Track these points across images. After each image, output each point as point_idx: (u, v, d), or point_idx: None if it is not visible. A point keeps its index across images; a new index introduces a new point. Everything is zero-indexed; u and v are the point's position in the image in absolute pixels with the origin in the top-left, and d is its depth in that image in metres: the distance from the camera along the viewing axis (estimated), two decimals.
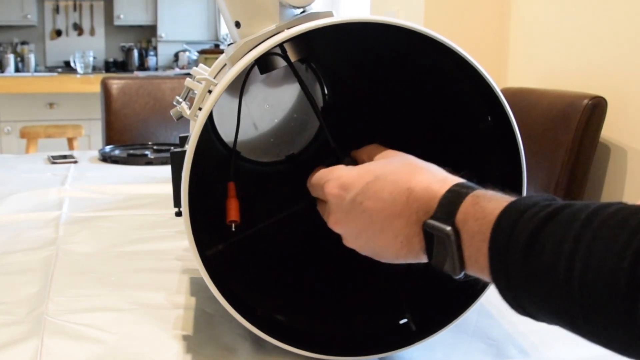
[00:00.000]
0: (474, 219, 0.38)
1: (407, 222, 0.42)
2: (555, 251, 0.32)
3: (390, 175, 0.44)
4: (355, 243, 0.47)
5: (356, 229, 0.45)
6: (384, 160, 0.48)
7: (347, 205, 0.45)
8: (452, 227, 0.39)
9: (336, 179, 0.47)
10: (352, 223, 0.45)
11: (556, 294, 0.33)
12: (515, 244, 0.35)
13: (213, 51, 4.10)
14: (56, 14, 4.20)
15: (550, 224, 0.34)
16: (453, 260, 0.39)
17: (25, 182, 1.21)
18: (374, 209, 0.44)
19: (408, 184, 0.43)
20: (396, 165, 0.45)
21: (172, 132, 1.92)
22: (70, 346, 0.56)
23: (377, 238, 0.44)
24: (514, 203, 0.37)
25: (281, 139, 0.74)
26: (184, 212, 0.51)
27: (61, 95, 3.69)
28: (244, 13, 0.58)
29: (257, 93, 0.71)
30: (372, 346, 0.56)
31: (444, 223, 0.39)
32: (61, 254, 0.81)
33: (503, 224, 0.36)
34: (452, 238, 0.39)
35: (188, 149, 0.51)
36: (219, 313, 0.62)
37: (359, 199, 0.45)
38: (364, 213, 0.44)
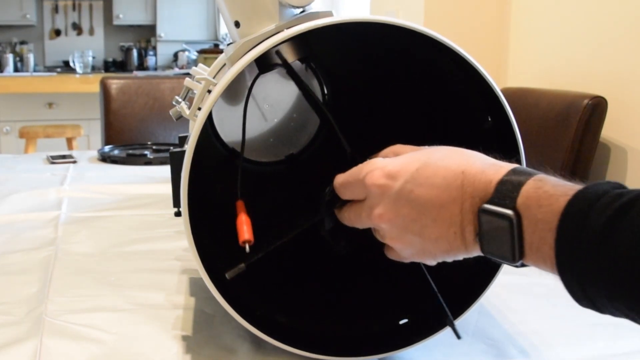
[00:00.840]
0: (537, 205, 0.36)
1: (462, 209, 0.39)
2: (638, 241, 0.31)
3: (440, 160, 0.41)
4: (402, 240, 0.43)
5: (405, 220, 0.42)
6: (428, 148, 0.45)
7: (395, 195, 0.42)
8: (513, 212, 0.37)
9: (380, 169, 0.43)
10: (400, 214, 0.42)
11: (637, 286, 0.31)
12: (589, 234, 0.33)
13: (212, 51, 4.10)
14: (55, 14, 4.20)
15: (630, 213, 0.32)
16: (512, 248, 0.37)
17: (24, 182, 1.21)
18: (426, 196, 0.40)
19: (461, 167, 0.40)
20: (444, 152, 0.43)
21: (172, 132, 1.92)
22: (69, 346, 0.56)
23: (429, 229, 0.41)
24: (583, 191, 0.35)
25: (281, 139, 0.74)
26: (184, 212, 0.51)
27: (60, 95, 3.69)
28: (244, 13, 0.57)
29: (256, 93, 0.71)
30: (371, 346, 0.56)
31: (504, 207, 0.37)
32: (60, 254, 0.81)
33: (572, 213, 0.34)
34: (515, 223, 0.36)
35: (187, 149, 0.50)
36: (219, 313, 0.62)
37: (409, 187, 0.41)
38: (414, 202, 0.41)
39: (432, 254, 0.42)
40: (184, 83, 0.70)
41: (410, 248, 0.43)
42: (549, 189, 0.36)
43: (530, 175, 0.38)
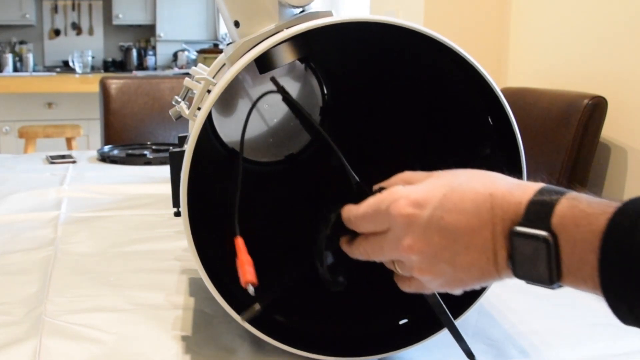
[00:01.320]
0: (574, 225, 0.35)
1: (493, 233, 0.38)
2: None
3: (466, 184, 0.40)
4: (432, 270, 0.40)
5: (436, 249, 0.39)
6: (447, 173, 0.43)
7: (424, 223, 0.39)
8: (549, 233, 0.35)
9: (405, 198, 0.41)
10: (432, 243, 0.40)
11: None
12: (636, 253, 0.32)
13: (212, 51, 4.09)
14: (55, 14, 4.19)
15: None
16: (549, 270, 0.36)
17: (23, 182, 1.21)
18: (456, 222, 0.38)
19: (488, 189, 0.38)
20: (466, 175, 0.41)
21: (171, 132, 1.92)
22: (69, 346, 0.56)
23: (461, 257, 0.39)
24: (623, 208, 0.34)
25: (280, 139, 0.74)
26: (183, 212, 0.51)
27: (60, 95, 3.69)
28: (243, 12, 0.57)
29: (256, 93, 0.70)
30: (371, 347, 0.56)
31: (538, 228, 0.36)
32: (60, 254, 0.81)
33: (615, 231, 0.33)
34: (551, 244, 0.35)
35: (187, 148, 0.50)
36: (218, 313, 0.62)
37: (438, 214, 0.39)
38: (445, 229, 0.39)
39: (463, 282, 0.40)
40: (184, 83, 0.70)
41: (440, 278, 0.41)
42: (585, 208, 0.35)
43: (562, 194, 0.36)
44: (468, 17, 1.80)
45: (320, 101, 0.73)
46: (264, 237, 0.70)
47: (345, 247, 0.47)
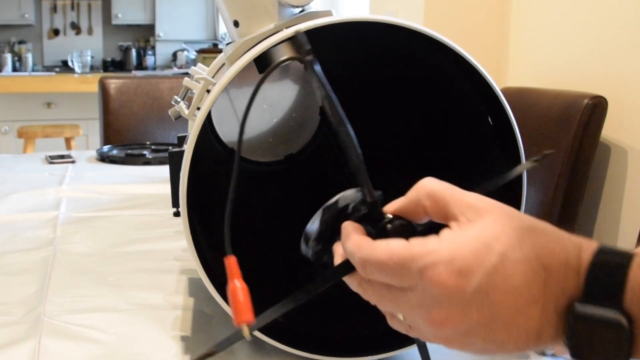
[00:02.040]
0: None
1: (543, 311, 0.33)
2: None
3: (515, 251, 0.33)
4: (461, 342, 0.35)
5: (470, 325, 0.33)
6: (491, 227, 0.34)
7: (465, 299, 0.33)
8: (621, 314, 0.30)
9: (447, 264, 0.32)
10: (467, 320, 0.33)
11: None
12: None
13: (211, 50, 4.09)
14: (54, 13, 4.19)
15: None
16: (618, 355, 0.31)
17: (22, 182, 1.21)
18: (503, 301, 0.33)
19: (541, 259, 0.33)
20: (513, 234, 0.33)
21: (171, 132, 1.91)
22: (68, 347, 0.56)
23: (498, 334, 0.34)
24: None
25: (280, 139, 0.74)
26: (183, 213, 0.51)
27: (59, 95, 3.68)
28: (243, 12, 0.57)
29: None
30: (370, 347, 0.55)
31: (606, 307, 0.31)
32: (59, 254, 0.81)
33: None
34: (626, 329, 0.30)
35: (186, 148, 0.50)
36: (218, 314, 0.62)
37: (484, 289, 0.32)
38: (489, 308, 0.33)
39: (489, 352, 0.35)
40: (183, 83, 0.70)
41: (466, 348, 0.35)
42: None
43: (628, 258, 0.31)
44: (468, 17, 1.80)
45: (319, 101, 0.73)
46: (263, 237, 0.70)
47: (351, 284, 0.39)
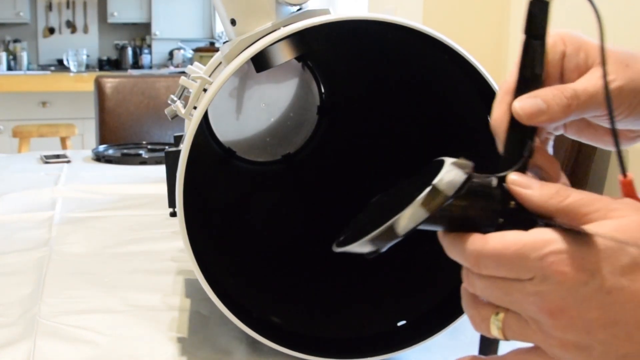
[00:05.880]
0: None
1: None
2: None
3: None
4: (577, 342, 0.32)
5: (590, 322, 0.31)
6: (632, 224, 0.32)
7: (588, 293, 0.31)
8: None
9: (572, 256, 0.31)
10: (586, 314, 0.31)
11: None
12: None
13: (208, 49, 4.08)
14: (49, 12, 4.17)
15: None
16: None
17: (17, 182, 1.20)
18: (628, 306, 0.31)
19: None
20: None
21: (167, 132, 1.91)
22: (63, 348, 0.56)
23: (620, 342, 0.31)
24: None
25: (277, 138, 0.73)
26: (179, 213, 0.50)
27: (54, 94, 3.67)
28: (240, 10, 0.57)
29: (253, 92, 0.70)
30: (370, 348, 0.55)
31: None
32: (54, 255, 0.80)
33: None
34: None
35: (183, 148, 0.50)
36: (215, 315, 0.61)
37: (607, 287, 0.31)
38: (611, 308, 0.31)
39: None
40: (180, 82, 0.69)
41: (583, 354, 0.32)
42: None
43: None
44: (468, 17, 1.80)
45: (317, 100, 0.72)
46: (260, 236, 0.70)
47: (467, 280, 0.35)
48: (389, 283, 0.60)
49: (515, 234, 0.32)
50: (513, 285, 0.32)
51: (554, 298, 0.31)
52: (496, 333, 0.34)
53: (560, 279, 0.31)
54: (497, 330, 0.34)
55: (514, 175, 0.34)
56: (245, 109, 0.71)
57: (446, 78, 0.58)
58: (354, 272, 0.63)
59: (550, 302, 0.31)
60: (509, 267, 0.32)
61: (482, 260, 0.32)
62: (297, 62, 0.70)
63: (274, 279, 0.65)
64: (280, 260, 0.68)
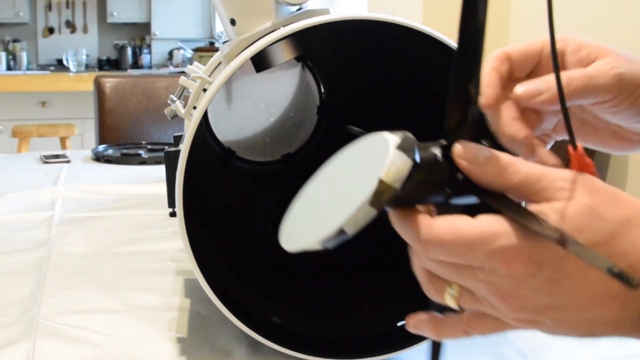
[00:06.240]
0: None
1: (624, 306, 0.31)
2: None
3: (599, 248, 0.31)
4: (529, 318, 0.33)
5: (541, 305, 0.32)
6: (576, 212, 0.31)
7: (537, 284, 0.31)
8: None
9: (518, 250, 0.31)
10: (537, 299, 0.32)
11: None
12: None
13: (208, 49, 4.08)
14: (48, 11, 4.17)
15: None
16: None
17: (17, 182, 1.20)
18: (577, 293, 0.31)
19: (628, 258, 0.30)
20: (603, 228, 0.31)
21: (167, 131, 1.91)
22: (62, 348, 0.56)
23: (571, 319, 0.32)
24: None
25: (277, 138, 0.73)
26: (179, 213, 0.50)
27: (54, 94, 3.67)
28: (240, 10, 0.57)
29: (253, 92, 0.70)
30: (369, 348, 0.55)
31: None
32: (54, 255, 0.80)
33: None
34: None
35: (182, 148, 0.50)
36: (214, 315, 0.61)
37: (555, 278, 0.31)
38: (560, 295, 0.31)
39: (561, 334, 0.33)
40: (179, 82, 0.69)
41: (536, 326, 0.33)
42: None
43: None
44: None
45: (317, 100, 0.72)
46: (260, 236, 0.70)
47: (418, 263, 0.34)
48: (389, 283, 0.60)
49: (463, 223, 0.31)
50: (464, 270, 0.32)
51: (503, 286, 0.31)
52: (451, 303, 0.34)
53: (509, 272, 0.31)
54: (452, 300, 0.34)
55: (459, 146, 0.33)
56: (245, 109, 0.71)
57: (446, 78, 0.57)
58: (354, 272, 0.63)
59: (500, 289, 0.32)
60: (457, 256, 0.32)
61: (430, 248, 0.32)
62: (297, 62, 0.70)
63: (274, 279, 0.65)
64: (280, 260, 0.67)
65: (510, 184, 0.32)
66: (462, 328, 0.35)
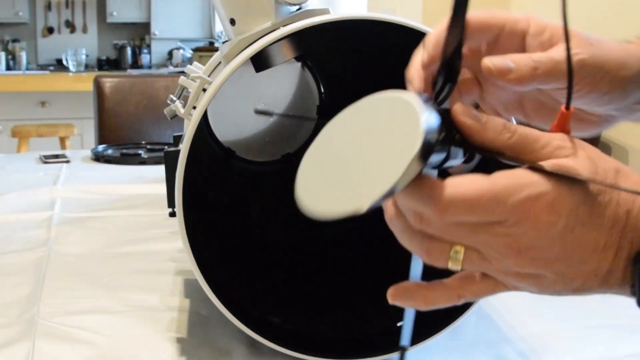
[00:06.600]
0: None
1: (616, 255, 0.33)
2: None
3: (605, 195, 0.33)
4: (533, 275, 0.33)
5: (549, 259, 0.33)
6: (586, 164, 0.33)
7: (555, 234, 0.32)
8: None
9: (542, 198, 0.31)
10: (549, 252, 0.32)
11: None
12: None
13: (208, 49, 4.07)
14: (48, 11, 4.17)
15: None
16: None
17: (16, 182, 1.20)
18: (584, 237, 0.32)
19: (627, 205, 0.33)
20: (607, 175, 0.33)
21: (166, 131, 1.90)
22: (62, 349, 0.56)
23: (570, 270, 0.33)
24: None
25: (277, 138, 0.73)
26: (178, 213, 0.50)
27: (53, 94, 3.66)
28: (239, 10, 0.57)
29: (252, 91, 0.70)
30: (369, 348, 0.55)
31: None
32: (53, 255, 0.80)
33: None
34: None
35: (182, 148, 0.50)
36: (214, 315, 0.61)
37: (571, 225, 0.32)
38: (569, 242, 0.32)
39: (555, 289, 0.34)
40: (179, 81, 0.69)
41: (535, 283, 0.34)
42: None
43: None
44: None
45: (317, 100, 0.72)
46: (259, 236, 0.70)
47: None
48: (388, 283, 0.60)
49: (484, 180, 0.31)
50: (479, 228, 0.32)
51: (524, 239, 0.32)
52: (452, 266, 0.33)
53: (534, 222, 0.31)
54: (455, 263, 0.33)
55: (461, 105, 0.33)
56: (245, 109, 0.71)
57: None
58: (353, 272, 0.63)
59: (519, 242, 0.32)
60: (480, 213, 0.31)
61: (451, 208, 0.31)
62: (297, 62, 0.69)
63: (274, 279, 0.65)
64: (279, 260, 0.67)
65: (509, 142, 0.33)
66: (456, 292, 0.34)
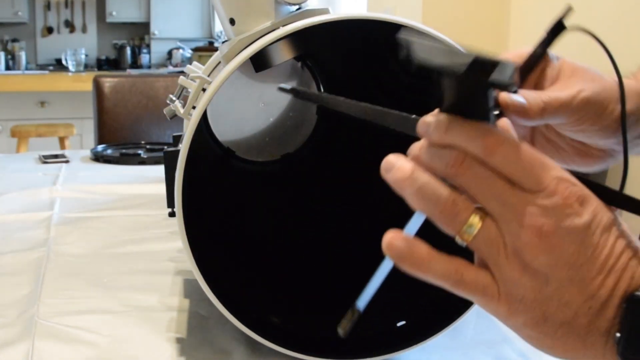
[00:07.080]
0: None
1: (615, 286, 0.31)
2: None
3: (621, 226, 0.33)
4: (538, 276, 0.31)
5: (562, 256, 0.31)
6: None
7: (575, 228, 0.31)
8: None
9: (574, 187, 0.31)
10: (564, 247, 0.31)
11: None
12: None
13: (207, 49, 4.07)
14: (47, 11, 4.17)
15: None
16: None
17: (15, 182, 1.20)
18: (601, 247, 0.31)
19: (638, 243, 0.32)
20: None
21: (166, 131, 1.90)
22: (61, 349, 0.56)
23: (572, 286, 0.31)
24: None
25: (277, 138, 0.73)
26: (178, 213, 0.50)
27: (52, 94, 3.66)
28: (239, 10, 0.57)
29: (252, 91, 0.70)
30: (368, 349, 0.55)
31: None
32: (52, 255, 0.80)
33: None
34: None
35: (182, 148, 0.50)
36: (213, 315, 0.61)
37: (593, 227, 0.31)
38: (586, 249, 0.31)
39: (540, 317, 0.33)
40: (178, 81, 0.69)
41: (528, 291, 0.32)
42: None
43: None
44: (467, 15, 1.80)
45: None
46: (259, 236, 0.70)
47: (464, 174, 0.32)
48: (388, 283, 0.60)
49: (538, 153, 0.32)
50: (514, 190, 0.31)
51: (547, 219, 0.31)
52: (463, 235, 0.32)
53: (564, 203, 0.31)
54: (466, 236, 0.32)
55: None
56: (245, 109, 0.71)
57: None
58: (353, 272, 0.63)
59: (542, 221, 0.31)
60: (524, 169, 0.31)
61: (502, 149, 0.31)
62: (297, 62, 0.69)
63: (273, 279, 0.64)
64: (279, 260, 0.67)
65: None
66: (455, 267, 0.33)
